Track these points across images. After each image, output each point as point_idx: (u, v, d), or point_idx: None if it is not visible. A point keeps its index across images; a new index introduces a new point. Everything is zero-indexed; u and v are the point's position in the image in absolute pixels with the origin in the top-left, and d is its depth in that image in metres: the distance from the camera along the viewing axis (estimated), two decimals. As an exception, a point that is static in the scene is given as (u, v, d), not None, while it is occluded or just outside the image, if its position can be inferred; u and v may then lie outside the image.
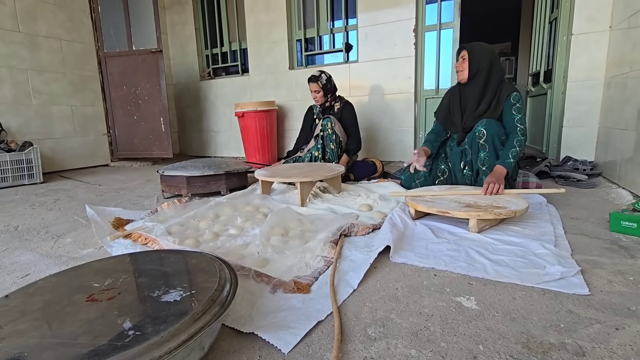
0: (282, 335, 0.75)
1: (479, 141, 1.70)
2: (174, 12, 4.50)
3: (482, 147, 1.69)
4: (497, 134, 1.67)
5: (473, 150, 1.75)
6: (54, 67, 3.43)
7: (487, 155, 1.69)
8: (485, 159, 1.70)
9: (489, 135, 1.67)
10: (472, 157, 1.77)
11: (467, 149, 1.79)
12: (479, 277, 0.99)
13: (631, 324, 0.76)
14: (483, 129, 1.68)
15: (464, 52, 1.80)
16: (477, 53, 1.77)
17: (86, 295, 0.73)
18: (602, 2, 2.38)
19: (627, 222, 1.27)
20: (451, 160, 1.91)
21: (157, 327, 0.60)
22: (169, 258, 0.94)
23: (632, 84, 1.91)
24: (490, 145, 1.68)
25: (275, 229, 1.36)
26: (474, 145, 1.73)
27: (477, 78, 1.78)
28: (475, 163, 1.76)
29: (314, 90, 2.47)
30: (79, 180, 2.99)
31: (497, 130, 1.68)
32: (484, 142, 1.68)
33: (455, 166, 1.88)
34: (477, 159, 1.74)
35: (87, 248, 1.35)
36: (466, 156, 1.81)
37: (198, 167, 2.14)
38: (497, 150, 1.68)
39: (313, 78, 2.45)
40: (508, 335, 0.74)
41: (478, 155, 1.72)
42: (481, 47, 1.79)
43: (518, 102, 1.71)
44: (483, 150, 1.70)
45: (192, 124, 4.68)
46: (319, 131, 2.33)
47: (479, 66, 1.76)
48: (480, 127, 1.69)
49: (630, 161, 1.87)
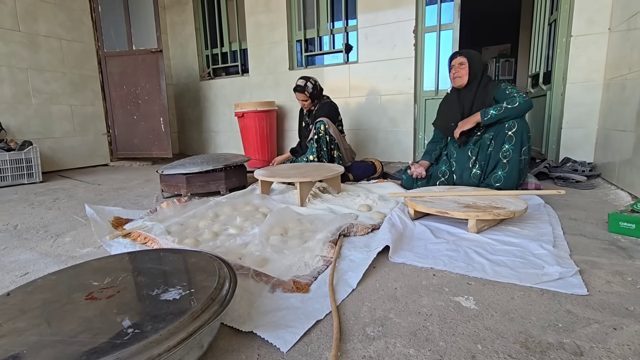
0: (281, 334, 0.75)
1: (507, 132, 1.71)
2: (174, 12, 4.50)
3: (509, 138, 1.71)
4: (526, 130, 1.71)
5: (497, 142, 1.75)
6: (53, 67, 3.43)
7: (512, 147, 1.70)
8: (509, 152, 1.71)
9: (519, 127, 1.69)
10: (493, 149, 1.77)
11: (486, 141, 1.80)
12: (478, 277, 0.99)
13: (629, 324, 0.76)
14: (514, 122, 1.70)
15: (462, 59, 1.89)
16: (474, 60, 1.89)
17: (85, 294, 0.73)
18: (601, 4, 2.38)
19: (626, 223, 1.27)
20: (457, 160, 1.92)
21: (156, 325, 0.60)
22: (168, 257, 0.95)
23: (631, 85, 1.92)
24: (518, 139, 1.70)
25: (275, 228, 1.36)
26: (499, 136, 1.74)
27: (474, 82, 1.89)
28: (495, 155, 1.76)
29: (302, 100, 2.51)
30: (79, 179, 2.99)
31: (526, 128, 1.72)
32: (513, 134, 1.70)
33: (462, 165, 1.89)
34: (499, 150, 1.74)
35: (86, 247, 1.35)
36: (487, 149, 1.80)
37: (196, 163, 2.14)
38: (523, 145, 1.71)
39: (299, 88, 2.45)
40: (506, 334, 0.74)
41: (502, 146, 1.74)
42: (475, 54, 1.92)
43: (510, 87, 1.79)
44: (509, 142, 1.71)
45: (192, 124, 4.68)
46: (314, 134, 2.33)
47: (476, 72, 1.88)
48: (512, 121, 1.72)
49: (629, 162, 1.87)
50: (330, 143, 2.33)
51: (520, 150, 1.71)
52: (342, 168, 2.00)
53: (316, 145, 2.32)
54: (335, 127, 2.36)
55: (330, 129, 2.30)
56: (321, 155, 2.33)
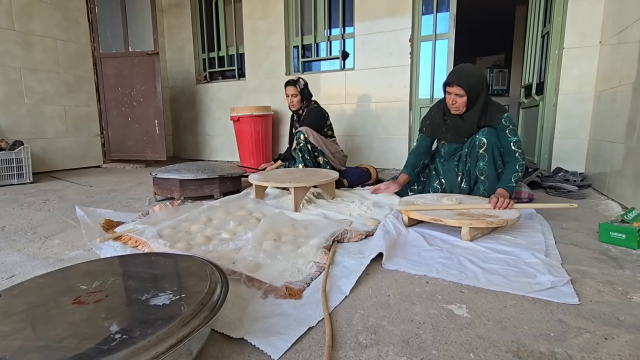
0: (273, 341, 0.74)
1: (478, 150, 1.69)
2: (172, 15, 4.50)
3: (482, 156, 1.68)
4: (496, 145, 1.66)
5: (472, 159, 1.73)
6: (48, 67, 3.40)
7: (486, 164, 1.68)
8: (484, 169, 1.68)
9: (489, 144, 1.66)
10: (470, 166, 1.75)
11: (463, 157, 1.78)
12: (471, 285, 0.99)
13: (620, 333, 0.76)
14: (484, 138, 1.66)
15: (459, 90, 1.65)
16: (474, 87, 1.65)
17: (73, 298, 0.72)
18: (593, 18, 2.44)
19: (616, 233, 1.29)
20: (445, 177, 1.87)
21: (144, 330, 0.59)
22: (159, 261, 0.93)
23: (621, 98, 1.96)
24: (490, 155, 1.67)
25: (268, 233, 1.35)
26: (472, 154, 1.72)
27: (474, 109, 1.70)
28: (473, 172, 1.75)
29: (291, 94, 2.48)
30: (70, 181, 2.95)
31: (496, 141, 1.66)
32: (484, 152, 1.67)
33: (452, 182, 1.84)
34: (475, 167, 1.73)
35: (75, 250, 1.33)
36: (465, 165, 1.77)
37: (192, 170, 2.13)
38: (496, 161, 1.67)
39: (291, 82, 2.48)
40: (499, 343, 0.74)
41: (477, 164, 1.72)
42: (475, 77, 1.66)
43: (511, 123, 1.69)
44: (482, 160, 1.68)
45: (187, 127, 4.66)
46: (296, 145, 2.34)
47: (477, 99, 1.68)
48: (481, 136, 1.67)
49: (619, 173, 1.90)
50: (313, 151, 2.34)
51: (495, 165, 1.68)
52: (336, 174, 2.00)
53: (301, 154, 2.33)
54: (317, 134, 2.36)
55: (310, 138, 2.31)
56: (307, 164, 2.35)
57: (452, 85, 1.67)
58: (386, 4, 3.22)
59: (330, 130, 2.56)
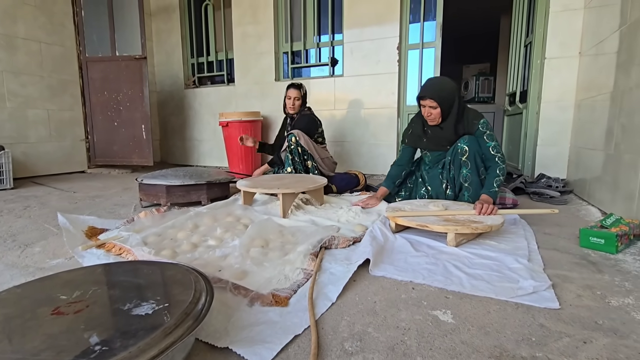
0: (258, 350, 0.73)
1: (461, 158, 1.73)
2: (160, 19, 4.48)
3: (465, 163, 1.72)
4: (478, 152, 1.71)
5: (455, 167, 1.77)
6: (31, 70, 3.33)
7: (469, 171, 1.72)
8: (468, 175, 1.73)
9: (471, 152, 1.70)
10: (454, 173, 1.79)
11: (447, 165, 1.82)
12: (456, 290, 1.01)
13: (598, 337, 0.78)
14: (465, 146, 1.71)
15: (431, 102, 1.71)
16: (445, 99, 1.71)
17: (52, 308, 0.70)
18: (573, 29, 2.53)
19: (596, 238, 1.32)
20: (431, 184, 1.91)
21: (125, 341, 0.58)
22: (143, 269, 0.92)
23: (600, 107, 2.03)
24: (472, 162, 1.71)
25: (256, 240, 1.34)
26: (455, 161, 1.76)
27: (450, 118, 1.76)
28: (457, 179, 1.79)
29: (294, 97, 2.50)
30: (53, 186, 2.88)
31: (477, 148, 1.71)
32: (466, 159, 1.71)
33: (437, 189, 1.88)
34: (459, 174, 1.77)
35: (56, 258, 1.30)
36: (449, 172, 1.81)
37: (179, 176, 2.10)
38: (478, 167, 1.72)
39: (296, 85, 2.53)
40: (482, 349, 0.75)
41: (460, 171, 1.76)
42: (446, 89, 1.72)
43: (488, 128, 1.73)
44: (465, 167, 1.72)
45: (175, 132, 4.61)
46: (285, 147, 2.34)
47: (450, 108, 1.74)
48: (462, 144, 1.72)
49: (598, 180, 1.96)
50: (303, 154, 2.35)
51: (478, 172, 1.73)
52: (324, 180, 2.01)
53: (290, 157, 2.33)
54: (308, 138, 2.37)
55: (301, 140, 2.31)
56: (296, 167, 2.35)
57: (425, 98, 1.74)
58: (375, 12, 3.27)
59: (321, 137, 2.57)
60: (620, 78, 1.77)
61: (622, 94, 1.73)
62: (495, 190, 1.64)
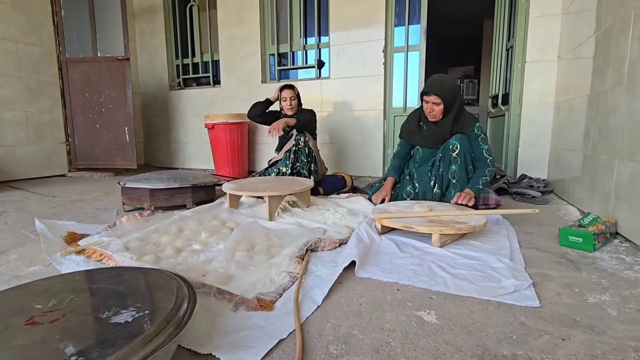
0: (242, 355, 0.72)
1: (451, 154, 1.78)
2: (144, 20, 4.40)
3: (454, 160, 1.78)
4: (468, 150, 1.78)
5: (444, 163, 1.82)
6: (8, 71, 3.22)
7: (458, 168, 1.77)
8: (456, 172, 1.78)
9: (462, 149, 1.76)
10: (443, 170, 1.84)
11: (437, 162, 1.86)
12: (440, 291, 1.02)
13: (576, 334, 0.80)
14: (457, 143, 1.77)
15: (435, 98, 1.77)
16: (449, 96, 1.77)
17: (25, 318, 0.67)
18: (551, 34, 2.60)
19: (574, 237, 1.36)
20: (419, 181, 1.94)
21: (103, 351, 0.56)
22: (123, 276, 0.90)
23: (578, 109, 2.09)
24: (462, 159, 1.77)
25: (241, 244, 1.33)
26: (446, 157, 1.81)
27: (449, 116, 1.83)
28: (445, 176, 1.84)
29: (290, 97, 2.47)
30: (31, 191, 2.79)
31: (468, 147, 1.79)
32: (457, 155, 1.77)
33: (425, 186, 1.91)
34: (448, 171, 1.81)
35: (33, 265, 1.25)
36: (438, 169, 1.85)
37: (163, 179, 2.07)
38: (467, 165, 1.78)
39: (289, 85, 2.53)
40: (465, 348, 0.76)
41: (449, 167, 1.80)
42: (449, 87, 1.79)
43: (482, 132, 1.82)
44: (455, 163, 1.78)
45: (160, 134, 4.53)
46: (292, 146, 2.33)
47: (452, 107, 1.81)
48: (454, 141, 1.78)
49: (577, 180, 2.02)
50: (309, 156, 2.34)
51: (466, 170, 1.79)
52: (311, 182, 2.01)
53: (293, 156, 2.31)
54: (315, 142, 2.39)
55: (310, 142, 2.33)
56: (296, 168, 2.33)
57: (429, 94, 1.78)
58: (360, 15, 3.30)
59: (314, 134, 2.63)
60: (596, 81, 1.83)
61: (598, 96, 1.79)
62: (479, 187, 1.70)
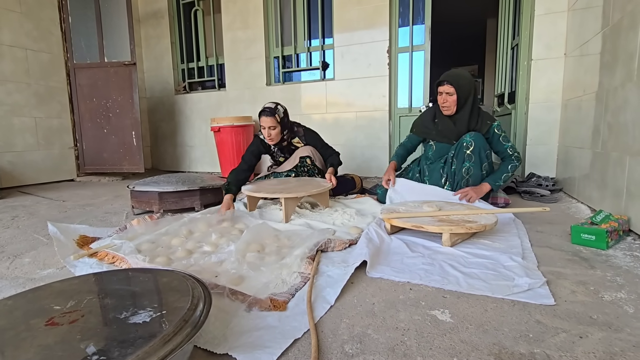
0: (258, 355, 0.72)
1: (465, 151, 1.77)
2: (149, 25, 4.45)
3: (469, 157, 1.76)
4: (483, 147, 1.76)
5: (458, 160, 1.81)
6: (17, 77, 3.27)
7: (472, 165, 1.76)
8: (470, 169, 1.77)
9: (477, 146, 1.75)
10: (456, 167, 1.82)
11: (449, 159, 1.85)
12: (453, 290, 1.01)
13: (593, 332, 0.80)
14: (471, 140, 1.76)
15: (449, 88, 1.76)
16: (462, 88, 1.77)
17: (45, 319, 0.68)
18: (557, 31, 2.59)
19: (587, 235, 1.35)
20: (430, 178, 1.94)
21: (123, 350, 0.57)
22: (138, 277, 0.90)
23: (586, 106, 2.07)
24: (477, 156, 1.75)
25: (252, 245, 1.34)
26: (459, 154, 1.80)
27: (464, 110, 1.81)
28: (458, 173, 1.82)
29: (270, 127, 2.05)
30: (41, 195, 2.82)
31: (484, 144, 1.77)
32: (471, 153, 1.76)
33: (436, 182, 1.91)
34: (461, 168, 1.80)
35: (47, 268, 1.27)
36: (450, 166, 1.84)
37: (171, 182, 2.08)
38: (482, 162, 1.76)
39: (268, 111, 2.01)
40: (481, 347, 0.75)
41: (463, 164, 1.79)
42: (465, 78, 1.78)
43: (502, 131, 1.82)
44: (469, 161, 1.77)
45: (166, 138, 4.57)
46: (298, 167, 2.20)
47: (466, 99, 1.79)
48: (469, 138, 1.77)
49: (586, 178, 2.00)
50: (319, 174, 2.24)
51: (481, 166, 1.77)
52: (329, 183, 1.96)
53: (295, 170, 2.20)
54: (320, 156, 2.29)
55: (316, 162, 2.23)
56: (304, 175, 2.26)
57: (443, 84, 1.80)
58: (364, 16, 3.31)
59: None
60: (605, 78, 1.81)
61: (607, 93, 1.77)
62: (500, 184, 1.70)
